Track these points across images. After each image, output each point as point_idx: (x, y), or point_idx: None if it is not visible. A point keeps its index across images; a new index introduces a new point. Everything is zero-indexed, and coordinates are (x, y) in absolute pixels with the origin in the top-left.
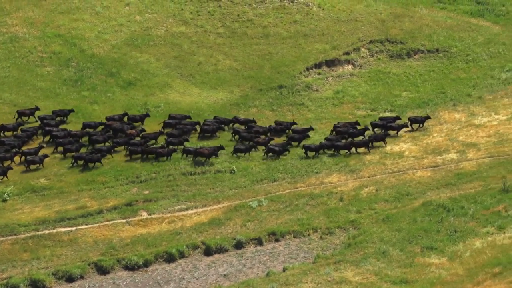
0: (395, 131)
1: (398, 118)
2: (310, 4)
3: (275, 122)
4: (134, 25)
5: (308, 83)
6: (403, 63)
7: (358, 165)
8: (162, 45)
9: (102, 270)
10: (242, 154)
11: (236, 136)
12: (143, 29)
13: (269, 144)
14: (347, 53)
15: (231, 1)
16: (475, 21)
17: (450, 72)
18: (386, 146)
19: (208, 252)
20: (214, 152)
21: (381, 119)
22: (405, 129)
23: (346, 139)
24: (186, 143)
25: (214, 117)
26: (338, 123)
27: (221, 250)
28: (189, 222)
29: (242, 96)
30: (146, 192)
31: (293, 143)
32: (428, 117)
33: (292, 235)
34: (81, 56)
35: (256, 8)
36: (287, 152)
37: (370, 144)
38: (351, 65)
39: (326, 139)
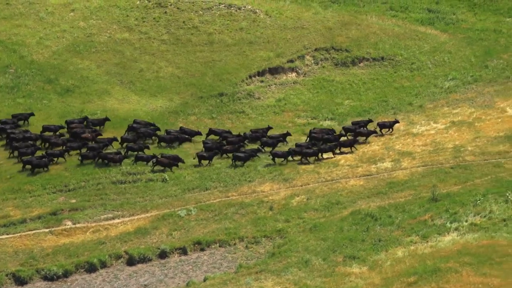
0: (364, 137)
1: (370, 121)
2: (257, 11)
3: (251, 130)
4: (77, 31)
5: (250, 90)
6: (347, 71)
7: (292, 173)
8: (104, 51)
9: (20, 281)
10: (206, 161)
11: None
12: (86, 35)
13: (234, 153)
14: (291, 61)
15: (178, 8)
16: (423, 29)
17: (394, 81)
18: (353, 151)
19: (131, 261)
20: (175, 161)
21: (353, 123)
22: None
23: (318, 146)
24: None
25: (180, 128)
26: (314, 128)
27: (144, 259)
28: (114, 231)
29: (181, 104)
30: (73, 201)
31: (266, 148)
32: (396, 121)
33: (217, 244)
34: (20, 62)
35: (202, 15)
36: (254, 158)
37: (338, 149)
38: (295, 73)
39: (296, 145)
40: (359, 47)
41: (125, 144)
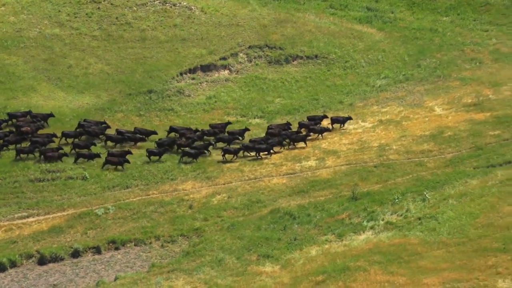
0: (318, 134)
1: (325, 116)
2: (192, 7)
3: (210, 125)
4: (6, 26)
5: (180, 88)
6: (280, 69)
7: (215, 172)
8: (33, 47)
9: None
10: (156, 157)
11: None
12: (16, 30)
13: (184, 148)
14: (224, 58)
15: (111, 4)
16: (359, 28)
17: (326, 79)
18: (306, 146)
19: (42, 261)
20: (123, 157)
21: (309, 118)
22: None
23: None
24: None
25: (135, 128)
26: (271, 125)
27: (56, 259)
28: (28, 230)
29: (109, 101)
30: None
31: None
32: (349, 118)
33: (133, 243)
34: None
35: (136, 11)
36: (207, 153)
37: (292, 144)
38: (228, 71)
39: (250, 141)
40: (293, 45)
41: (68, 140)
